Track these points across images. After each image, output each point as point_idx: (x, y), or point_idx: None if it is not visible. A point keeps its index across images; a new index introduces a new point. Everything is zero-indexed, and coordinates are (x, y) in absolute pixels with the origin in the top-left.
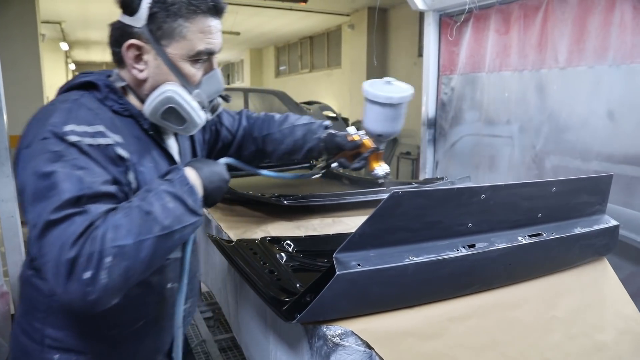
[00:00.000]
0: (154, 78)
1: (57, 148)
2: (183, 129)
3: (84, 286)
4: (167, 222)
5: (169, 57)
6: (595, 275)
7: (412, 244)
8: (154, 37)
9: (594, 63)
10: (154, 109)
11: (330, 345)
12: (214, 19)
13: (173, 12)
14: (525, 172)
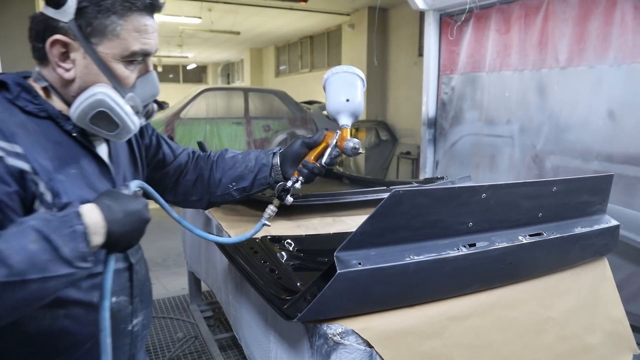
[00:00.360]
0: (82, 79)
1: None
2: (114, 135)
3: None
4: (20, 266)
5: (99, 56)
6: (593, 276)
7: (413, 243)
8: (83, 34)
9: (595, 63)
10: (82, 112)
11: (330, 344)
12: (150, 18)
13: (105, 7)
14: (526, 171)
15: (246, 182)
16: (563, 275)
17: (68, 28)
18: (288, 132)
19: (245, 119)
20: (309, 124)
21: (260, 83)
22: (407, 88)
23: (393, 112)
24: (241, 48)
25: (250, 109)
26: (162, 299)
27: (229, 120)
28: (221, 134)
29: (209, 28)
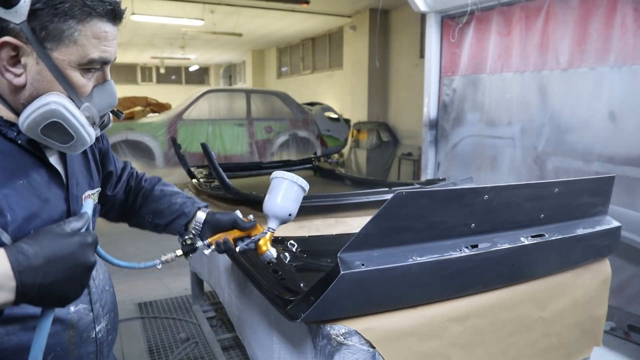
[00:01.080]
0: (33, 85)
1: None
2: (68, 147)
3: None
4: None
5: (54, 62)
6: (592, 277)
7: (416, 244)
8: (37, 37)
9: (596, 64)
10: (33, 122)
11: (334, 344)
12: (111, 25)
13: (63, 11)
14: (527, 173)
15: (162, 221)
16: (564, 276)
17: (20, 30)
18: (290, 133)
19: (247, 120)
20: (310, 125)
21: (262, 85)
22: (408, 90)
23: (394, 114)
24: (243, 50)
25: (252, 111)
26: (164, 299)
27: (231, 121)
28: (223, 135)
29: (211, 30)
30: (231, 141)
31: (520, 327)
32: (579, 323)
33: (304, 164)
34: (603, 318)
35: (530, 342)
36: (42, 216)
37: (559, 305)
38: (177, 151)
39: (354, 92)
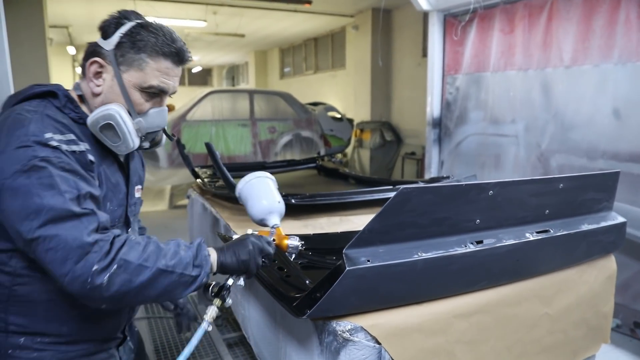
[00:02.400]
0: (105, 95)
1: (44, 154)
2: (116, 146)
3: (89, 276)
4: (172, 262)
5: (123, 81)
6: (597, 273)
7: (421, 240)
8: (117, 61)
9: (600, 61)
10: (95, 120)
11: (340, 340)
12: (174, 65)
13: (138, 46)
14: (531, 170)
15: None
16: (569, 272)
17: (107, 55)
18: (293, 133)
19: (250, 121)
20: (313, 125)
21: (265, 85)
22: (411, 89)
23: (397, 113)
24: (246, 51)
25: (255, 111)
26: None
27: (234, 122)
28: (227, 136)
29: (214, 31)
30: (235, 142)
31: (526, 324)
32: (585, 319)
33: (308, 164)
34: (610, 315)
35: (536, 338)
36: (115, 193)
37: (565, 302)
38: (182, 152)
39: (357, 92)
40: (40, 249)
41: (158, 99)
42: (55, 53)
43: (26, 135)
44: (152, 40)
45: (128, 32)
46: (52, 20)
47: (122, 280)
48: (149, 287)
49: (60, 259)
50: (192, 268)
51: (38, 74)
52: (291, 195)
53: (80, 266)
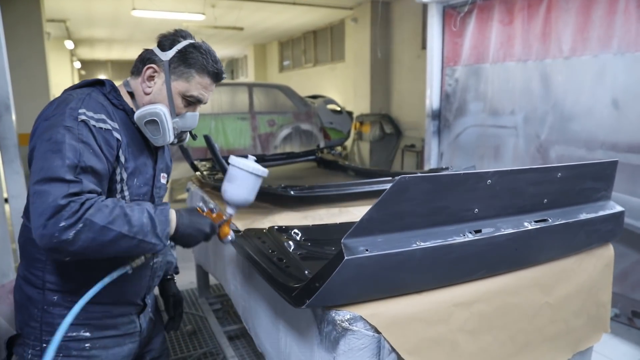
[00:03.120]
0: (154, 95)
1: (70, 124)
2: (155, 139)
3: (56, 231)
4: (135, 229)
5: (171, 88)
6: (596, 262)
7: (419, 230)
8: (170, 70)
9: (599, 52)
10: (142, 115)
11: (339, 330)
12: (212, 82)
13: (189, 63)
14: (530, 161)
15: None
16: (567, 261)
17: (162, 63)
18: (293, 126)
19: (250, 114)
20: (313, 117)
21: (264, 79)
22: (410, 81)
23: (397, 106)
24: (245, 44)
25: (255, 104)
26: None
27: (234, 115)
28: (226, 129)
29: (212, 24)
30: (234, 135)
31: (527, 313)
32: (585, 308)
33: (308, 156)
34: (608, 304)
35: (538, 328)
36: (142, 172)
37: (564, 291)
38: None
39: (356, 85)
40: (30, 201)
41: (193, 106)
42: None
43: (65, 108)
44: (201, 60)
45: (183, 49)
46: (50, 14)
47: (86, 238)
48: (109, 247)
49: (38, 212)
50: (151, 236)
51: (35, 68)
52: (290, 187)
53: (52, 222)
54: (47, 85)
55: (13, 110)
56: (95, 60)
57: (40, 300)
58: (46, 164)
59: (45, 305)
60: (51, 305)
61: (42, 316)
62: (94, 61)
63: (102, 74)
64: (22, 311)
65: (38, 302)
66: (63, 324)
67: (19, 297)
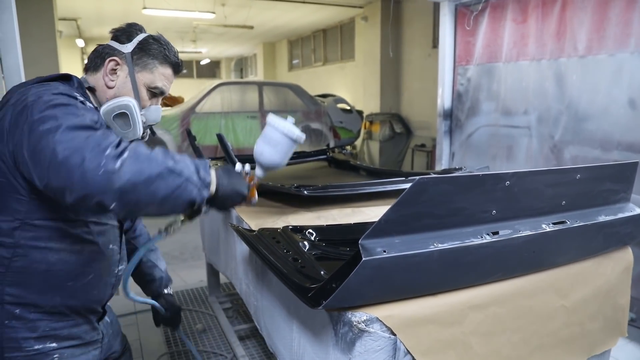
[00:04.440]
0: (118, 89)
1: (68, 101)
2: (125, 133)
3: (102, 160)
4: (180, 166)
5: (136, 79)
6: (614, 265)
7: (437, 231)
8: (132, 62)
9: (615, 51)
10: (111, 109)
11: (355, 331)
12: (173, 74)
13: (151, 54)
14: (544, 162)
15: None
16: (585, 264)
17: (124, 56)
18: (302, 125)
19: (259, 113)
20: (323, 116)
21: (274, 77)
22: (421, 80)
23: (407, 105)
24: (254, 42)
25: (264, 103)
26: (180, 291)
27: (243, 114)
28: (236, 128)
29: (222, 23)
30: (244, 133)
31: (542, 316)
32: (602, 312)
33: (319, 155)
34: (626, 307)
35: (553, 331)
36: None
37: (581, 294)
38: (192, 143)
39: (366, 84)
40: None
41: (156, 98)
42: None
43: (57, 90)
44: (163, 51)
45: (143, 40)
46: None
47: (133, 169)
48: (157, 183)
49: (75, 149)
50: (196, 177)
51: (48, 65)
52: (304, 187)
53: (94, 154)
54: None
55: None
56: None
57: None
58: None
59: (5, 319)
60: (13, 319)
61: (1, 333)
62: None
63: None
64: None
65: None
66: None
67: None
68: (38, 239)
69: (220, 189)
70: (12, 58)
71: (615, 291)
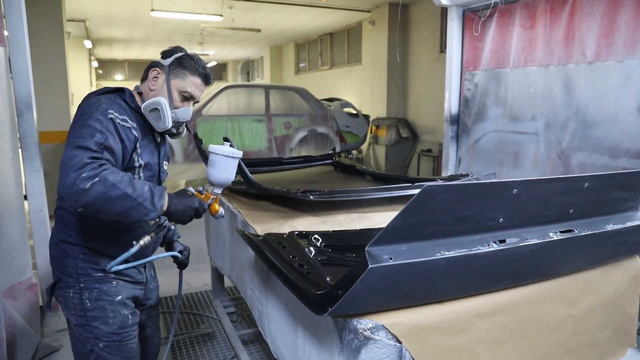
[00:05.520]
0: (156, 91)
1: (102, 118)
2: (157, 124)
3: (77, 180)
4: (137, 193)
5: (170, 85)
6: (622, 275)
7: (444, 239)
8: (169, 72)
9: (624, 57)
10: (147, 105)
11: (361, 338)
12: (203, 83)
13: (184, 66)
14: (551, 169)
15: None
16: (593, 272)
17: (164, 67)
18: (309, 129)
19: (266, 116)
20: (329, 121)
21: (280, 80)
22: (428, 85)
23: (414, 110)
24: (261, 45)
25: (271, 106)
26: (184, 294)
27: (250, 117)
28: (242, 131)
29: (229, 26)
30: (250, 137)
31: (549, 325)
32: (610, 321)
33: (325, 160)
34: (635, 317)
35: (560, 340)
36: (151, 160)
37: (589, 303)
38: (199, 146)
39: (373, 88)
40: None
41: (188, 102)
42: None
43: (99, 107)
44: (193, 64)
45: (180, 57)
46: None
47: (98, 190)
48: (114, 203)
49: (67, 167)
50: (149, 202)
51: (56, 67)
52: (310, 192)
53: (75, 174)
54: (67, 84)
55: (34, 108)
56: (112, 59)
57: (75, 252)
58: (79, 139)
59: (80, 254)
60: (82, 254)
61: (76, 263)
62: (111, 60)
63: (119, 73)
64: (60, 262)
65: (73, 253)
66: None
67: (56, 252)
68: None
69: (171, 207)
70: (21, 59)
71: (623, 300)
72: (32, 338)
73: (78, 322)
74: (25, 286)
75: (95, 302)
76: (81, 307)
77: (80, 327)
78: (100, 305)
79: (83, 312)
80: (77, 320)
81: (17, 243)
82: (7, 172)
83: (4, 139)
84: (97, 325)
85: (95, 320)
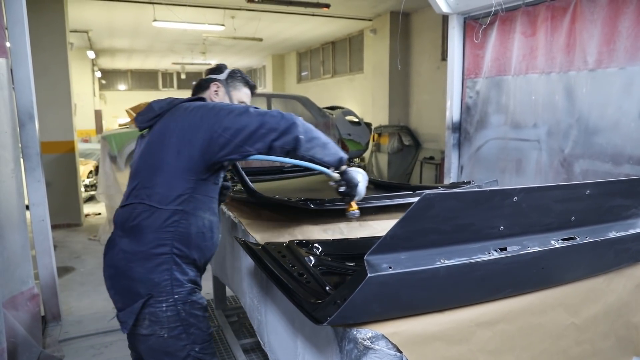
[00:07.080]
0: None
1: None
2: None
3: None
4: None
5: (230, 96)
6: (625, 283)
7: (444, 247)
8: (227, 84)
9: (626, 64)
10: None
11: (360, 348)
12: (251, 93)
13: (238, 79)
14: (554, 176)
15: None
16: (595, 280)
17: (221, 81)
18: None
19: None
20: (331, 129)
21: (282, 89)
22: (430, 93)
23: (416, 117)
24: (263, 54)
25: None
26: None
27: None
28: None
29: (231, 35)
30: None
31: (552, 334)
32: (614, 330)
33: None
34: (639, 326)
35: (563, 349)
36: None
37: (592, 311)
38: None
39: (375, 96)
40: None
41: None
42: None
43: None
44: (243, 78)
45: (231, 72)
46: (73, 25)
47: (303, 127)
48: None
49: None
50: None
51: (59, 77)
52: (310, 200)
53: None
54: (70, 95)
55: (36, 119)
56: (115, 69)
57: (170, 261)
58: (238, 115)
59: (174, 265)
60: (176, 264)
61: (171, 274)
62: (114, 70)
63: (122, 83)
64: (151, 275)
65: (168, 263)
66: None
67: (142, 269)
68: (196, 209)
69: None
70: (23, 70)
71: (627, 309)
72: (33, 348)
73: (172, 334)
74: (27, 296)
75: (190, 310)
76: (176, 317)
77: (173, 338)
78: (194, 313)
79: (179, 322)
80: (170, 333)
81: (18, 253)
82: (9, 182)
83: (6, 149)
84: (193, 332)
85: (191, 327)
